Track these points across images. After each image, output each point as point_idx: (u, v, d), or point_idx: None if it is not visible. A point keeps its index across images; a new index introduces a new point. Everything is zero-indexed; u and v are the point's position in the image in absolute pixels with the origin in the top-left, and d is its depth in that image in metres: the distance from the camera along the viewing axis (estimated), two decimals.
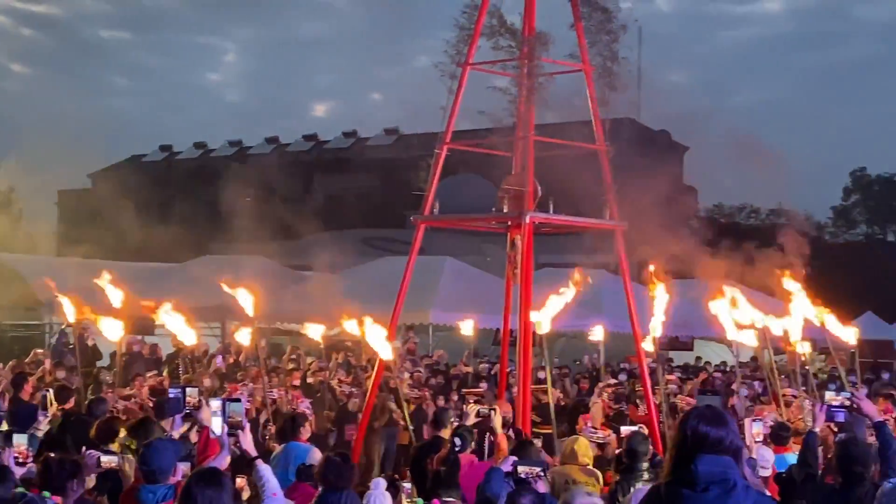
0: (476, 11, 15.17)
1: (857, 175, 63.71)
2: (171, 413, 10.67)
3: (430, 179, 15.46)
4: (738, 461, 4.79)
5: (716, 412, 4.91)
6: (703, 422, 4.82)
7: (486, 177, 16.84)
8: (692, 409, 5.03)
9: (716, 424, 4.82)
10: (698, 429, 4.80)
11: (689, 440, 4.79)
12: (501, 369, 16.65)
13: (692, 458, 4.74)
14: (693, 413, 4.91)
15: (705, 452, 4.75)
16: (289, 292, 26.01)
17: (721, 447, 4.77)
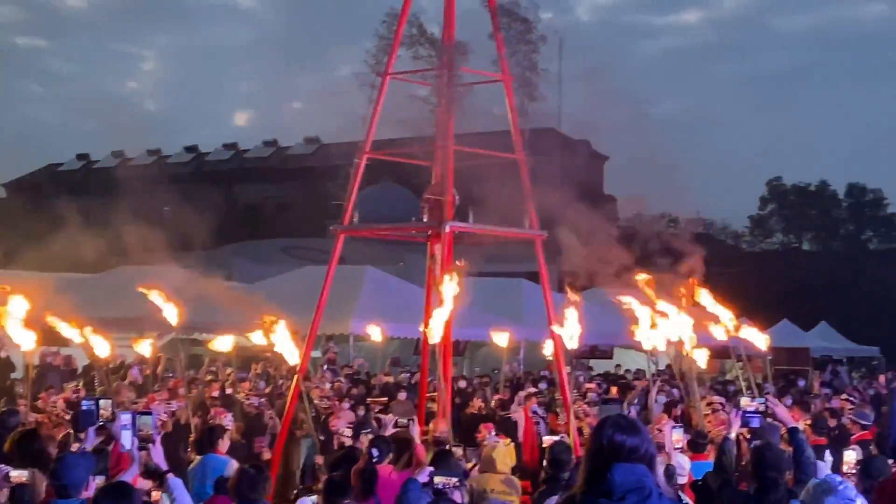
0: (396, 21, 15.16)
1: (774, 184, 64.67)
2: (85, 426, 10.50)
3: (349, 189, 15.41)
4: (653, 469, 4.81)
5: (630, 421, 4.92)
6: (619, 431, 4.82)
7: (409, 186, 16.81)
8: (606, 418, 5.02)
9: (631, 433, 4.82)
10: (614, 438, 4.80)
11: (605, 449, 4.80)
12: (422, 379, 16.62)
13: (608, 467, 4.75)
14: (608, 422, 4.90)
15: (621, 461, 4.76)
16: (208, 302, 25.75)
17: (636, 455, 4.78)
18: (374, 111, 15.34)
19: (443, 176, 15.03)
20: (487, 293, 29.50)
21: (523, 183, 15.59)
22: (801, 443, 8.57)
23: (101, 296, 27.16)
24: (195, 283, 28.32)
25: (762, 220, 64.86)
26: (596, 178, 55.23)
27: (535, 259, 15.96)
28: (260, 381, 20.76)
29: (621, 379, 26.45)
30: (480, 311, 26.39)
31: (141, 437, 7.95)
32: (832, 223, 64.02)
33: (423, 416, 15.41)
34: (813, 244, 65.02)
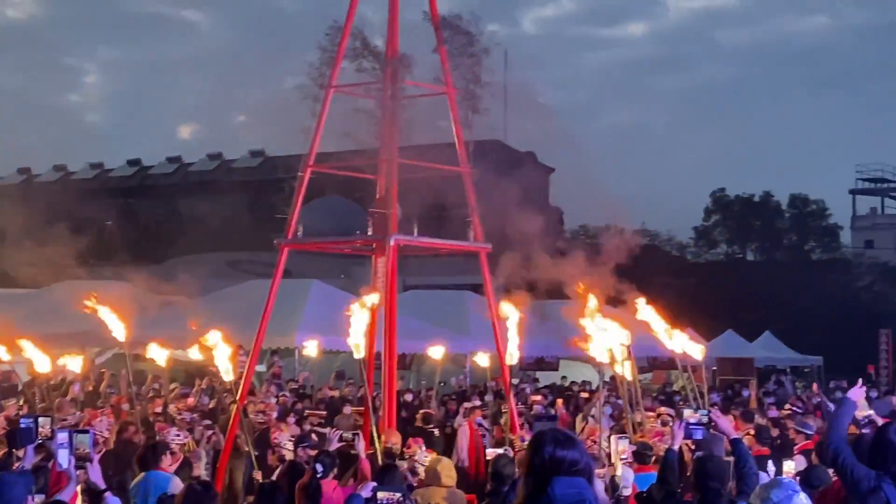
0: (339, 34, 15.14)
1: (718, 196, 65.17)
2: (23, 444, 10.36)
3: (293, 202, 15.35)
4: (591, 481, 4.86)
5: (567, 435, 4.98)
6: (559, 446, 4.88)
7: (355, 199, 16.76)
8: (544, 433, 5.06)
9: (570, 447, 4.88)
10: (555, 453, 4.85)
11: (545, 464, 4.83)
12: (367, 392, 16.55)
13: (548, 481, 4.78)
14: (547, 437, 4.94)
15: (561, 475, 4.79)
16: (152, 317, 25.54)
17: (576, 469, 4.84)
18: (317, 124, 15.30)
19: (387, 189, 15.01)
20: (433, 306, 29.53)
21: (468, 195, 15.60)
22: (743, 454, 8.62)
23: (42, 311, 26.88)
24: (139, 297, 28.13)
25: (707, 231, 65.33)
26: (541, 189, 55.38)
27: (478, 271, 15.97)
28: (204, 397, 20.57)
29: (567, 391, 26.53)
30: (426, 323, 26.39)
31: (78, 455, 7.85)
32: (775, 234, 64.58)
33: (368, 429, 15.35)
34: (757, 255, 65.58)
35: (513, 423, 15.48)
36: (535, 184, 48.69)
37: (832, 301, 52.58)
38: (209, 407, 19.11)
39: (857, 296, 57.81)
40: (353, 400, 21.41)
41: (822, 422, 17.08)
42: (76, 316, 24.79)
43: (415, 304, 27.93)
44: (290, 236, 15.30)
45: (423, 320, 26.37)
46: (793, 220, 64.72)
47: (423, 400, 22.88)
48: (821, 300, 51.80)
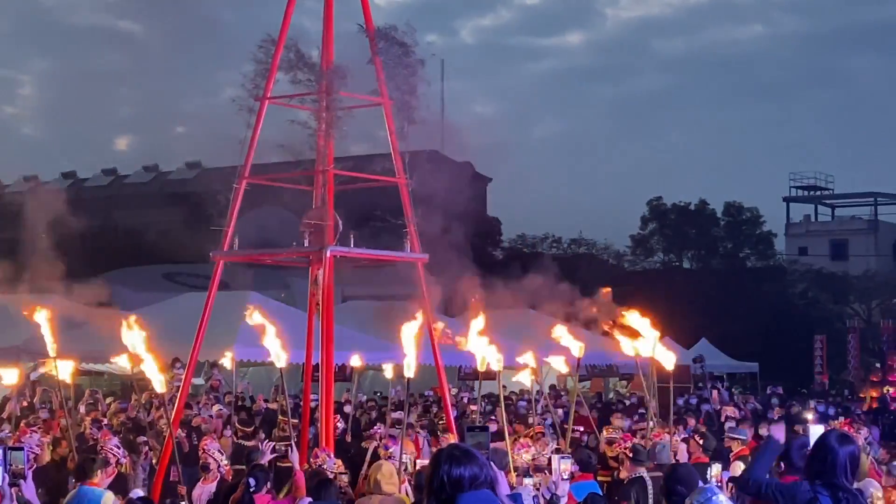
0: (273, 45, 15.11)
1: (654, 204, 65.57)
2: None
3: (229, 214, 15.30)
4: (496, 490, 4.85)
5: (463, 450, 4.95)
6: (455, 463, 4.85)
7: (294, 210, 16.73)
8: (440, 451, 5.05)
9: (467, 463, 4.85)
10: (451, 472, 4.83)
11: (445, 484, 4.81)
12: (304, 404, 16.50)
13: (453, 500, 4.77)
14: (442, 456, 4.92)
15: (465, 492, 4.78)
16: (87, 331, 25.30)
17: (477, 483, 4.81)
18: (252, 136, 15.26)
19: (323, 200, 15.00)
20: (373, 316, 29.47)
21: (404, 205, 15.63)
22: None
23: None
24: (75, 311, 27.83)
25: (643, 240, 65.68)
26: (479, 199, 55.57)
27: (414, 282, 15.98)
28: (143, 411, 20.31)
29: (506, 400, 26.58)
30: (366, 334, 26.34)
31: (12, 472, 7.75)
32: (711, 242, 65.07)
33: (305, 442, 15.30)
34: (693, 262, 66.04)
35: (452, 434, 15.49)
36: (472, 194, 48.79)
37: (768, 308, 53.10)
38: (149, 420, 18.90)
39: (791, 302, 58.45)
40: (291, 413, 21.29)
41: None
42: (8, 330, 24.55)
43: (353, 315, 27.90)
44: (226, 248, 15.24)
45: (361, 331, 26.33)
46: (728, 227, 65.28)
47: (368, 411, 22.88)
48: (756, 307, 52.29)
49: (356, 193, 16.90)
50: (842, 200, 79.61)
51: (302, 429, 15.89)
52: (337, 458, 12.73)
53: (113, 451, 12.37)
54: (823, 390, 43.36)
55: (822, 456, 7.05)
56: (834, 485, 6.96)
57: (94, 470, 11.04)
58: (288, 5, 15.28)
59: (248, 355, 24.78)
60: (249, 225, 15.87)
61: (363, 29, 15.41)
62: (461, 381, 30.61)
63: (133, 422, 19.31)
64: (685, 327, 43.46)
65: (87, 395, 23.26)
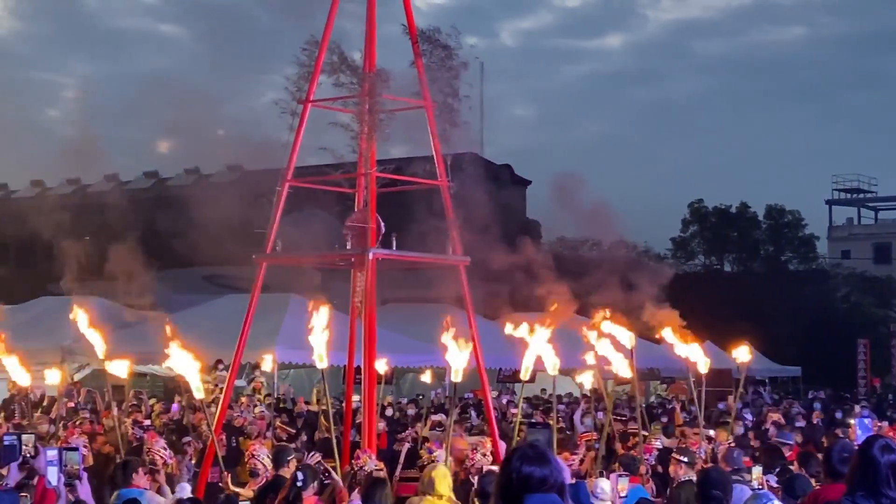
0: (316, 48, 15.16)
1: (695, 207, 65.29)
2: (6, 461, 10.31)
3: (272, 216, 15.36)
4: (564, 497, 4.81)
5: (538, 451, 4.90)
6: (527, 462, 4.80)
7: (334, 213, 16.78)
8: (515, 449, 5.01)
9: (539, 463, 4.81)
10: (522, 470, 4.78)
11: (514, 482, 4.78)
12: (347, 407, 16.54)
13: (519, 499, 4.74)
14: (515, 454, 4.89)
15: (532, 493, 4.75)
16: (130, 332, 25.49)
17: (546, 486, 4.77)
18: (295, 139, 15.32)
19: (365, 203, 15.02)
20: (413, 319, 29.51)
21: (446, 209, 15.63)
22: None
23: (21, 327, 26.75)
24: (117, 313, 28.04)
25: (684, 243, 65.43)
26: (518, 202, 55.47)
27: (458, 284, 15.98)
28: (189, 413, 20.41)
29: (547, 402, 26.55)
30: (406, 337, 26.39)
31: (67, 472, 7.82)
32: (752, 245, 64.72)
33: (347, 444, 15.33)
34: (734, 266, 65.71)
35: (493, 438, 15.41)
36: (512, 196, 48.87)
37: (810, 312, 52.73)
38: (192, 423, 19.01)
39: (834, 306, 58.02)
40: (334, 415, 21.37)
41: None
42: (55, 331, 24.79)
43: (394, 318, 27.93)
44: (269, 251, 15.29)
45: (402, 334, 26.37)
46: (770, 230, 64.89)
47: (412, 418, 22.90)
48: (798, 311, 51.94)
49: (392, 196, 16.91)
50: (885, 203, 78.93)
51: (344, 431, 15.93)
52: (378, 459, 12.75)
53: (160, 452, 12.44)
54: (872, 394, 42.92)
55: (864, 466, 6.79)
56: (877, 495, 6.69)
57: (132, 473, 11.10)
58: (331, 8, 15.31)
59: (289, 357, 24.91)
60: (288, 227, 15.92)
61: (407, 31, 15.42)
62: (500, 383, 30.58)
63: (176, 423, 19.42)
64: (726, 331, 43.21)
65: (130, 396, 23.42)
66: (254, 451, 12.26)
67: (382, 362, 18.98)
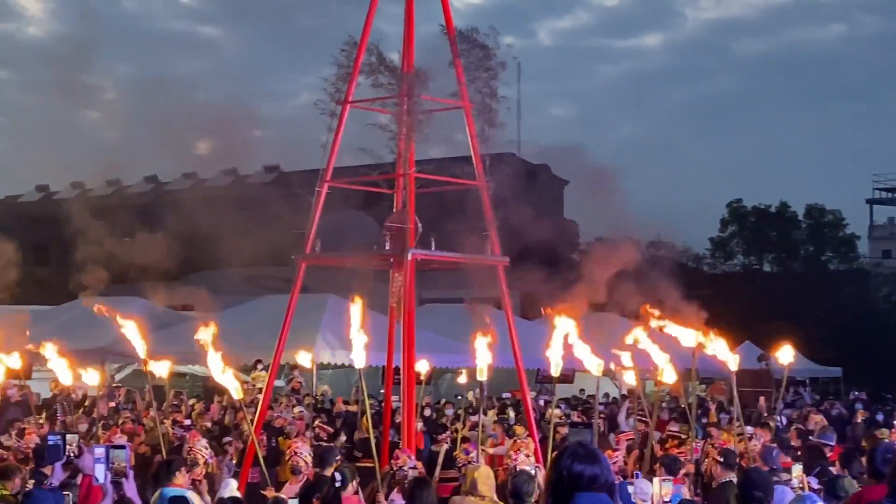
0: (355, 49, 15.18)
1: (734, 206, 64.94)
2: (52, 461, 10.41)
3: (310, 217, 15.40)
4: (613, 496, 4.81)
5: (588, 449, 4.91)
6: (577, 460, 4.81)
7: (371, 213, 16.83)
8: (565, 448, 5.02)
9: (590, 462, 4.81)
10: (573, 468, 4.79)
11: (565, 480, 4.79)
12: (386, 407, 16.57)
13: (570, 497, 4.74)
14: (566, 452, 4.89)
15: (582, 491, 4.75)
16: (170, 333, 25.64)
17: (597, 484, 4.77)
18: (334, 139, 15.35)
19: (404, 203, 15.04)
20: (451, 320, 29.50)
21: (484, 209, 15.62)
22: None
23: (62, 328, 26.97)
24: (157, 314, 28.22)
25: (723, 243, 65.10)
26: (556, 201, 55.38)
27: (496, 284, 15.96)
28: (230, 412, 20.50)
29: (584, 403, 26.50)
30: (444, 337, 26.37)
31: (114, 470, 7.87)
32: (792, 244, 64.30)
33: (387, 444, 15.36)
34: (774, 266, 65.31)
35: (533, 438, 15.39)
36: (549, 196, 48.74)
37: (850, 312, 52.35)
38: (234, 422, 19.10)
39: (875, 306, 57.55)
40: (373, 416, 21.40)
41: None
42: (94, 332, 24.96)
43: (431, 318, 27.93)
44: (308, 251, 15.34)
45: (439, 334, 26.36)
46: (809, 230, 64.46)
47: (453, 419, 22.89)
48: (839, 311, 51.58)
49: (437, 195, 16.91)
50: None
51: (383, 431, 15.96)
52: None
53: (201, 451, 12.50)
54: None
55: None
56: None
57: (174, 472, 11.16)
58: (369, 9, 15.34)
59: (328, 357, 24.97)
60: (328, 228, 15.96)
61: (445, 31, 15.43)
62: (539, 383, 30.51)
63: (217, 423, 19.51)
64: (766, 331, 42.98)
65: (171, 397, 23.54)
66: (296, 449, 12.29)
67: (423, 362, 19.00)
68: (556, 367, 14.19)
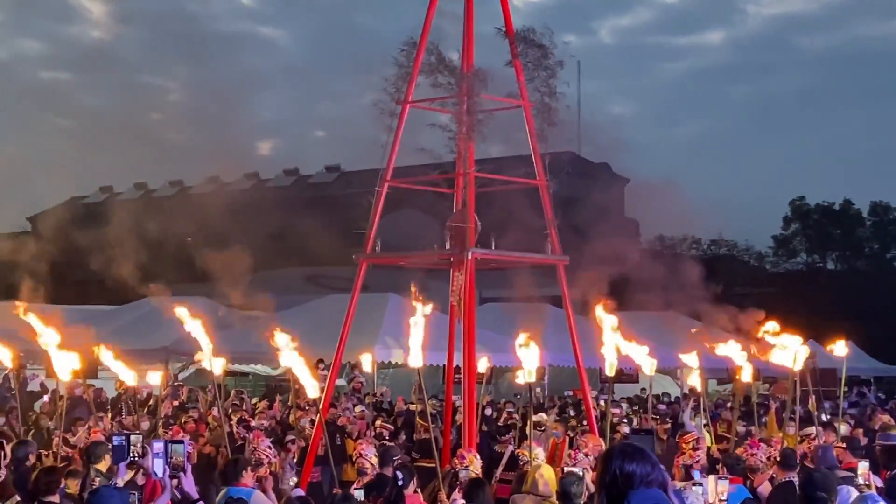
0: (414, 49, 15.22)
1: (797, 204, 64.35)
2: (116, 461, 10.55)
3: (371, 217, 15.46)
4: (668, 493, 4.81)
5: (637, 448, 4.92)
6: (627, 459, 4.83)
7: (431, 212, 16.87)
8: (614, 447, 5.04)
9: (640, 460, 4.83)
10: (624, 467, 4.81)
11: (618, 480, 4.80)
12: (447, 406, 16.60)
13: (624, 496, 4.75)
14: (616, 451, 4.91)
15: (635, 489, 4.77)
16: (232, 333, 25.83)
17: (649, 481, 4.79)
18: (394, 139, 15.40)
19: (464, 203, 15.06)
20: (511, 319, 29.46)
21: (545, 208, 15.60)
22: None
23: (125, 327, 27.29)
24: (219, 313, 28.45)
25: (786, 240, 64.52)
26: (616, 200, 55.12)
27: (556, 283, 15.95)
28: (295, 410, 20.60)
29: (646, 403, 26.34)
30: (504, 336, 26.33)
31: (172, 465, 7.96)
32: (856, 242, 63.63)
33: (447, 443, 15.38)
34: (837, 263, 64.65)
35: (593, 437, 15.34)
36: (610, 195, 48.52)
37: None
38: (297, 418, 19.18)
39: None
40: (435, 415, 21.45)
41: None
42: (158, 331, 25.23)
43: (492, 317, 27.90)
44: (369, 251, 15.39)
45: (500, 333, 26.32)
46: (874, 228, 63.71)
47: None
48: None
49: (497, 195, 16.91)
50: None
51: (444, 430, 15.98)
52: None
53: (265, 451, 12.60)
54: None
55: None
56: None
57: (241, 471, 11.26)
58: (428, 9, 15.37)
59: (388, 357, 25.02)
60: (388, 227, 16.01)
61: (501, 32, 15.43)
62: (603, 382, 30.39)
63: (280, 422, 19.62)
64: (831, 330, 42.52)
65: (232, 396, 23.73)
66: (361, 451, 12.35)
67: (483, 360, 19.01)
68: (611, 367, 14.18)
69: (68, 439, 15.90)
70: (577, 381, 17.33)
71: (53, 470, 10.36)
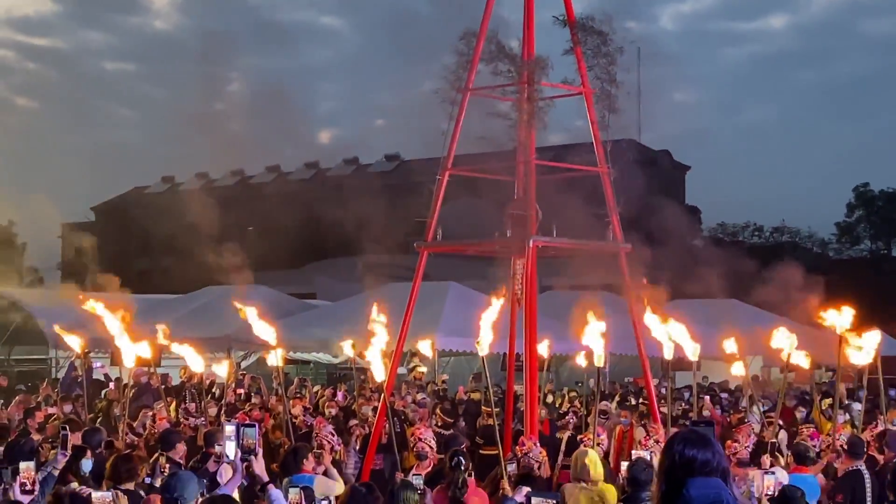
0: (475, 37, 15.21)
1: (861, 191, 63.59)
2: None
3: (432, 205, 15.48)
4: (727, 482, 4.80)
5: (700, 434, 4.92)
6: (689, 445, 4.83)
7: (490, 201, 16.84)
8: (676, 433, 5.03)
9: (702, 447, 4.82)
10: (685, 453, 4.81)
11: (677, 465, 4.79)
12: (508, 394, 16.59)
13: (683, 482, 4.74)
14: (678, 437, 4.91)
15: (695, 476, 4.75)
16: (293, 321, 26.00)
17: (709, 469, 4.78)
18: (454, 127, 15.40)
19: (525, 190, 15.03)
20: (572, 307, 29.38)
21: (606, 195, 15.54)
22: None
23: (188, 316, 27.54)
24: (280, 301, 28.65)
25: (849, 227, 63.79)
26: (677, 187, 54.83)
27: (613, 271, 15.89)
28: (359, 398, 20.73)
29: (710, 391, 26.17)
30: (564, 324, 26.27)
31: (244, 447, 8.04)
32: None
33: (509, 431, 15.37)
34: None
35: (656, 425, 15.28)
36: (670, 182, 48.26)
37: None
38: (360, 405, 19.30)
39: None
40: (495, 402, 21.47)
41: None
42: (220, 320, 25.44)
43: (552, 305, 27.85)
44: (430, 239, 15.42)
45: (560, 321, 26.27)
46: None
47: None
48: None
49: (557, 182, 16.86)
50: None
51: (506, 418, 15.98)
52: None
53: (328, 437, 12.69)
54: None
55: None
56: None
57: (302, 459, 11.36)
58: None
59: (449, 345, 25.04)
60: (449, 216, 16.01)
61: (560, 20, 15.37)
62: (664, 370, 30.26)
63: (343, 408, 19.73)
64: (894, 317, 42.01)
65: (295, 384, 23.90)
66: (420, 435, 12.40)
67: (544, 344, 18.99)
68: (669, 351, 14.19)
69: (133, 426, 16.10)
70: (637, 369, 17.27)
71: (130, 458, 10.51)
